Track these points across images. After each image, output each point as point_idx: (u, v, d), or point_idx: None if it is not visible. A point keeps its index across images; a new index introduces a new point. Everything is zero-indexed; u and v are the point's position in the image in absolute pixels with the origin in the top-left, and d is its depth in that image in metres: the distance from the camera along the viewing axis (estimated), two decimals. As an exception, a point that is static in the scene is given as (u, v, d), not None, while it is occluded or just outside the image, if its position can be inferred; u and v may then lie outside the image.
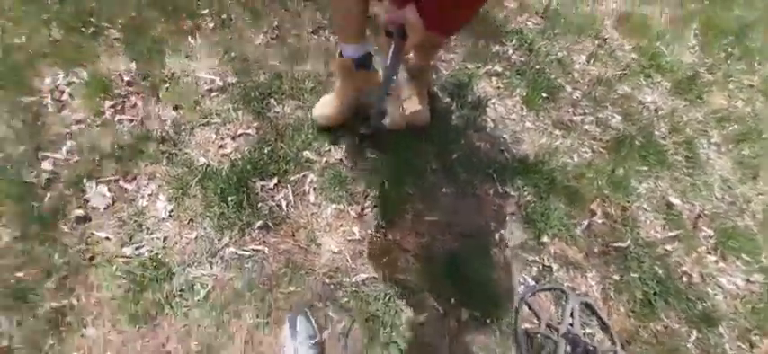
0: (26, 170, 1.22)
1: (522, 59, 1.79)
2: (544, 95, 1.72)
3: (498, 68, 1.73)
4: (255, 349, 1.08)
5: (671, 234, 1.49)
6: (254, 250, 1.20)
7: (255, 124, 1.40)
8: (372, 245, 1.27)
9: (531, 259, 1.37)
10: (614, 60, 1.91)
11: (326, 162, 1.37)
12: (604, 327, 1.29)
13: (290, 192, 1.30)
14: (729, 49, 2.04)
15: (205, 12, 1.58)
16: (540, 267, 1.36)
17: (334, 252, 1.24)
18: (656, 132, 1.73)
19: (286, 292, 1.16)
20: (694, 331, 1.30)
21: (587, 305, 1.32)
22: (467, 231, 1.35)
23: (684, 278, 1.40)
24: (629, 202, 1.54)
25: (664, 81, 1.88)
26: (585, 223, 1.47)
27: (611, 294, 1.36)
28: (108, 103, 1.35)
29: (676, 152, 1.69)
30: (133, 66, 1.43)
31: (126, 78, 1.41)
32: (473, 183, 1.44)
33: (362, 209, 1.32)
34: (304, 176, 1.33)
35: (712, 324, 1.31)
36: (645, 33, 1.99)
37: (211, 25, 1.56)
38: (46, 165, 1.24)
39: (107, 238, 1.17)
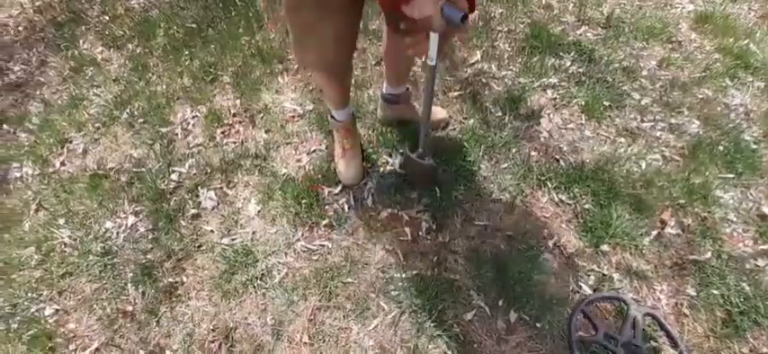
0: (160, 180, 1.62)
1: (581, 70, 1.79)
2: (606, 104, 1.68)
3: (554, 80, 1.76)
4: (317, 326, 1.26)
5: (764, 247, 1.32)
6: (320, 245, 1.40)
7: (325, 142, 1.64)
8: (423, 246, 1.38)
9: (588, 267, 1.34)
10: (691, 63, 1.78)
11: (383, 171, 1.55)
12: (673, 342, 1.20)
13: (352, 197, 1.49)
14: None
15: (291, 57, 1.93)
16: (599, 276, 1.32)
17: (387, 250, 1.38)
18: (746, 136, 1.56)
19: (345, 282, 1.33)
20: (789, 354, 1.13)
21: (653, 317, 1.24)
22: (517, 236, 1.38)
23: (781, 297, 1.23)
24: (709, 212, 1.41)
25: (755, 80, 1.69)
26: (654, 233, 1.39)
27: (685, 310, 1.26)
28: (219, 130, 1.73)
29: (773, 157, 1.50)
30: (238, 102, 1.81)
31: (232, 111, 1.78)
32: (524, 191, 1.48)
33: (415, 213, 1.45)
34: (364, 183, 1.52)
35: (816, 350, 1.13)
36: (729, 33, 1.83)
37: (296, 67, 1.90)
38: (174, 177, 1.63)
39: (211, 231, 1.48)
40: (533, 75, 1.77)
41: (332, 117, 1.47)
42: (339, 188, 1.52)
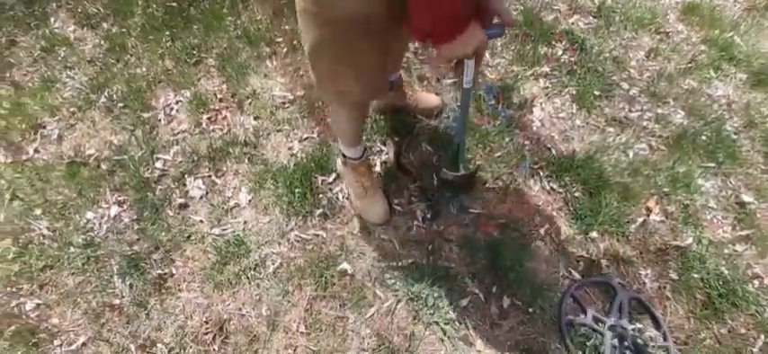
0: (144, 168, 1.56)
1: (573, 59, 1.80)
2: (596, 93, 1.71)
3: (546, 69, 1.76)
4: (314, 316, 1.25)
5: (742, 233, 1.39)
6: (314, 234, 1.39)
7: (317, 129, 1.61)
8: (418, 234, 1.39)
9: (578, 253, 1.38)
10: (678, 54, 1.82)
11: (377, 159, 1.53)
12: (657, 324, 1.25)
13: (345, 186, 1.47)
14: (819, 36, 1.83)
15: (280, 39, 1.86)
16: (588, 262, 1.36)
17: (383, 239, 1.38)
18: (728, 126, 1.62)
19: (340, 271, 1.32)
20: (762, 336, 1.20)
21: (638, 301, 1.29)
22: (510, 224, 1.40)
23: (756, 282, 1.30)
24: (692, 200, 1.47)
25: (738, 73, 1.75)
26: (640, 220, 1.44)
27: (668, 293, 1.31)
28: (205, 116, 1.67)
29: (752, 147, 1.57)
30: (224, 86, 1.74)
31: (219, 96, 1.72)
32: (517, 179, 1.49)
33: (409, 201, 1.45)
34: (358, 172, 1.50)
35: (787, 330, 1.20)
36: (715, 24, 1.88)
37: (285, 50, 1.84)
38: (158, 165, 1.56)
39: (201, 221, 1.44)
40: (526, 63, 1.78)
41: (344, 157, 1.35)
42: (333, 177, 1.49)
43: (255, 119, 1.66)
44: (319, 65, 1.00)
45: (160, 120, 1.68)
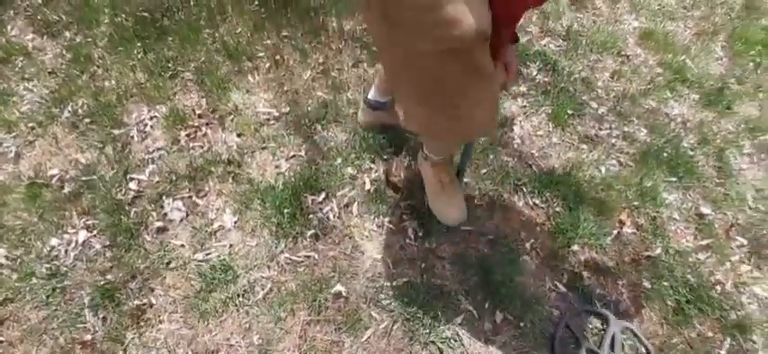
0: (116, 189, 1.45)
1: (547, 79, 1.90)
2: (569, 112, 1.81)
3: (523, 89, 1.85)
4: (309, 343, 1.22)
5: (702, 242, 1.52)
6: (305, 256, 1.35)
7: (305, 146, 1.58)
8: (410, 253, 1.39)
9: (561, 266, 1.44)
10: (638, 76, 1.98)
11: (367, 178, 1.53)
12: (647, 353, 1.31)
13: (336, 205, 1.46)
14: (758, 59, 2.05)
15: (262, 54, 1.82)
16: (572, 275, 1.43)
17: (376, 259, 1.37)
18: (685, 143, 1.77)
19: (334, 293, 1.29)
20: (728, 339, 1.31)
21: (631, 331, 1.33)
22: (498, 239, 1.44)
23: (718, 287, 1.42)
24: (658, 212, 1.58)
25: (691, 93, 1.92)
26: (615, 232, 1.53)
27: (643, 301, 1.40)
28: (183, 133, 1.59)
29: (706, 162, 1.72)
30: (204, 101, 1.67)
31: (198, 112, 1.64)
32: (503, 196, 1.55)
33: (400, 220, 1.45)
34: (348, 191, 1.49)
35: (746, 332, 1.32)
36: (669, 48, 2.06)
37: (267, 65, 1.80)
38: (132, 185, 1.47)
39: (182, 245, 1.36)
40: (505, 82, 1.85)
41: (426, 154, 1.28)
42: (323, 196, 1.47)
43: (238, 136, 1.61)
44: (433, 102, 0.90)
45: (133, 137, 1.58)
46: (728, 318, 1.34)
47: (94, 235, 1.36)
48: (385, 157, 1.56)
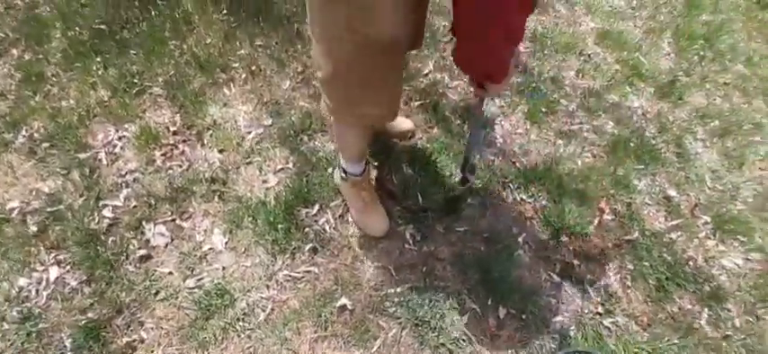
0: (88, 218, 1.33)
1: (519, 80, 1.99)
2: (543, 110, 1.90)
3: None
4: (319, 360, 1.18)
5: (673, 223, 1.65)
6: (305, 271, 1.31)
7: (292, 158, 1.53)
8: (410, 258, 1.39)
9: (553, 257, 1.50)
10: (600, 73, 2.11)
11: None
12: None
13: (331, 216, 1.42)
14: (702, 52, 2.27)
15: (236, 65, 1.75)
16: (563, 264, 1.49)
17: (377, 267, 1.36)
18: (647, 133, 1.91)
19: (339, 306, 1.26)
20: (706, 310, 1.43)
21: None
22: (492, 237, 1.48)
23: (691, 263, 1.54)
24: (632, 198, 1.70)
25: (647, 87, 2.09)
26: (597, 220, 1.62)
27: (629, 283, 1.49)
28: (158, 152, 1.48)
29: (667, 149, 1.87)
30: (177, 118, 1.57)
31: (172, 129, 1.54)
32: (492, 194, 1.59)
33: (397, 224, 1.45)
34: (342, 201, 1.46)
35: (721, 301, 1.45)
36: (623, 46, 2.22)
37: (243, 76, 1.73)
38: (106, 212, 1.35)
39: (170, 273, 1.27)
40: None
41: (344, 172, 1.34)
42: (317, 208, 1.43)
43: (220, 151, 1.53)
44: (341, 90, 1.01)
45: (101, 160, 1.46)
46: (703, 290, 1.46)
47: (68, 271, 1.23)
48: (376, 164, 1.55)
